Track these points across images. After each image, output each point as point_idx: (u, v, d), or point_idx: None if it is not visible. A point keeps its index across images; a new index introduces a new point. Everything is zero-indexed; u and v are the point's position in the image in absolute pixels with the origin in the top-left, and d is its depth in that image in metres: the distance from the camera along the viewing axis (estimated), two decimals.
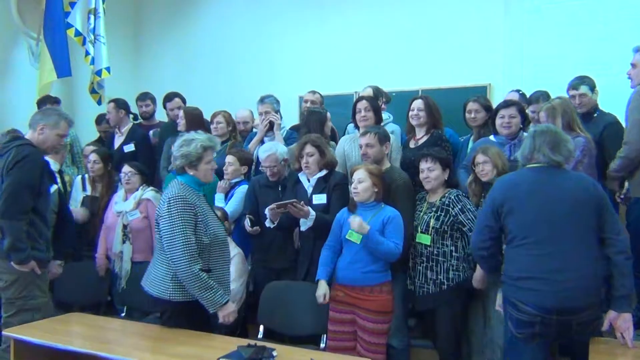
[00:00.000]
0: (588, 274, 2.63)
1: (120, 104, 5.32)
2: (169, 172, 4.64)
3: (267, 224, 3.71)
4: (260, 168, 4.09)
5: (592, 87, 4.14)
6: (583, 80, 4.14)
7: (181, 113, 4.92)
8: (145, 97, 5.62)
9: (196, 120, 4.84)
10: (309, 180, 3.79)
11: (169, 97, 5.50)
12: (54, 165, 4.70)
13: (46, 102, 5.39)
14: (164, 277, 2.96)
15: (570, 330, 2.67)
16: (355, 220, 3.21)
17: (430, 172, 3.51)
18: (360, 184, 3.33)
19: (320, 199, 3.70)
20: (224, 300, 2.93)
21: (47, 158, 4.67)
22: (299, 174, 3.85)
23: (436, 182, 3.52)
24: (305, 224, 3.58)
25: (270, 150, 3.93)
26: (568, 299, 2.61)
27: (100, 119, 5.79)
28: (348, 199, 3.52)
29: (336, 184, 3.71)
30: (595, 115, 4.08)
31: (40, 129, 3.41)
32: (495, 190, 2.86)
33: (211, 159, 3.07)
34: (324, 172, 3.75)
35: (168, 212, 2.91)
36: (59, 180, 4.75)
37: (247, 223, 3.85)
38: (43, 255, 3.37)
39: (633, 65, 3.64)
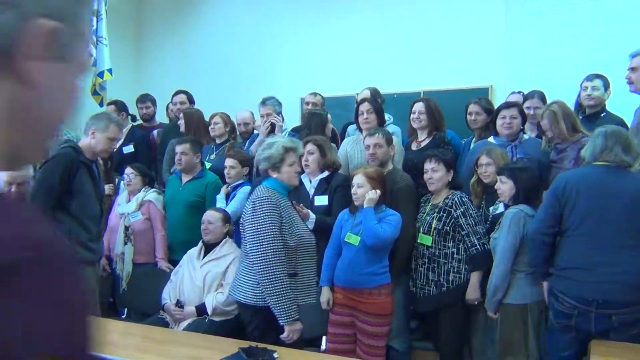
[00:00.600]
0: (633, 270, 2.71)
1: (120, 106, 5.36)
2: (171, 174, 4.66)
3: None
4: None
5: (606, 86, 4.14)
6: (599, 76, 4.15)
7: (180, 114, 4.93)
8: (145, 99, 5.64)
9: (194, 122, 4.86)
10: (310, 182, 3.79)
11: (176, 93, 5.51)
12: None
13: None
14: (252, 282, 2.93)
15: (610, 326, 2.74)
16: (371, 195, 3.27)
17: (434, 172, 3.51)
18: (360, 189, 3.32)
19: (321, 200, 3.70)
20: (296, 316, 2.88)
21: None
22: (302, 176, 3.85)
23: (440, 184, 3.52)
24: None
25: None
26: (608, 291, 2.71)
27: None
28: (350, 201, 3.52)
29: (338, 186, 3.71)
30: (603, 115, 4.07)
31: (92, 134, 3.43)
32: (559, 181, 3.00)
33: (294, 161, 3.06)
34: (325, 174, 3.76)
35: (252, 214, 2.89)
36: None
37: None
38: None
39: (633, 70, 3.64)
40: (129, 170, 4.42)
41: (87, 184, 3.36)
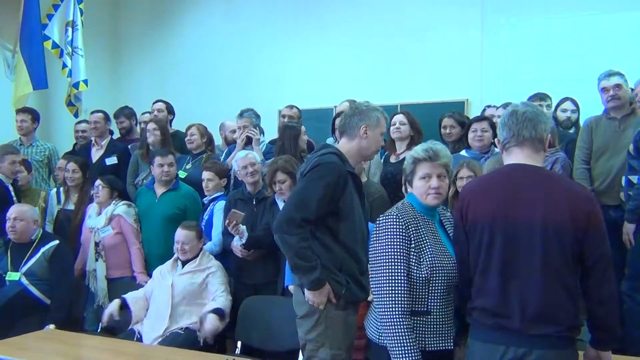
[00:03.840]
0: None
1: (108, 117, 5.32)
2: (135, 187, 4.62)
3: (236, 241, 3.69)
4: (238, 176, 4.05)
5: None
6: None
7: (151, 125, 4.85)
8: (119, 114, 5.59)
9: (167, 132, 4.87)
10: (284, 202, 3.62)
11: (155, 101, 5.45)
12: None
13: (26, 112, 5.34)
14: (373, 314, 2.39)
15: None
16: None
17: None
18: None
19: None
20: None
21: None
22: (275, 196, 3.80)
23: None
24: (238, 241, 3.68)
25: (245, 154, 3.99)
26: None
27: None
28: None
29: None
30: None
31: (363, 132, 2.69)
32: None
33: (428, 174, 2.37)
34: None
35: (376, 235, 2.31)
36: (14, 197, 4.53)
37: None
38: (338, 288, 2.55)
39: (618, 86, 3.77)
40: (97, 182, 4.33)
41: (356, 200, 2.67)
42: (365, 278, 2.62)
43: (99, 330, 4.10)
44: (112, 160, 5.05)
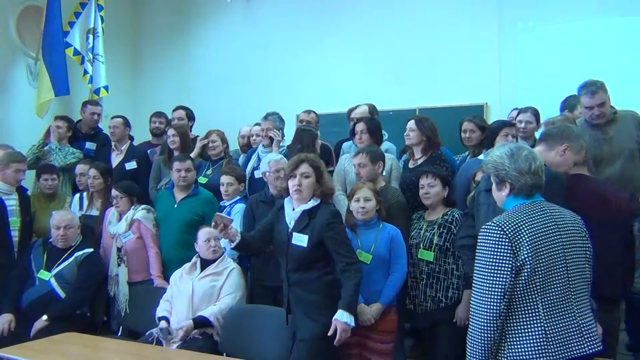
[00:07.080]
0: None
1: (127, 122, 5.37)
2: (157, 191, 4.66)
3: (224, 244, 3.52)
4: (264, 178, 3.98)
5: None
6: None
7: (171, 131, 4.90)
8: (160, 115, 5.63)
9: (187, 138, 4.90)
10: (293, 210, 3.13)
11: (176, 108, 5.52)
12: (3, 187, 4.42)
13: (64, 120, 5.42)
14: None
15: None
16: None
17: (430, 187, 3.52)
18: (368, 203, 3.30)
19: (300, 240, 3.05)
20: None
21: None
22: (285, 200, 3.21)
23: (436, 199, 3.53)
24: (227, 245, 3.26)
25: (280, 158, 3.97)
26: None
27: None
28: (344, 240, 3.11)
29: (324, 225, 3.01)
30: None
31: (562, 150, 2.89)
32: None
33: None
34: (312, 204, 3.08)
35: None
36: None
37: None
38: None
39: (603, 104, 3.73)
40: (114, 192, 4.35)
41: None
42: None
43: (119, 334, 4.14)
44: (131, 165, 5.10)
